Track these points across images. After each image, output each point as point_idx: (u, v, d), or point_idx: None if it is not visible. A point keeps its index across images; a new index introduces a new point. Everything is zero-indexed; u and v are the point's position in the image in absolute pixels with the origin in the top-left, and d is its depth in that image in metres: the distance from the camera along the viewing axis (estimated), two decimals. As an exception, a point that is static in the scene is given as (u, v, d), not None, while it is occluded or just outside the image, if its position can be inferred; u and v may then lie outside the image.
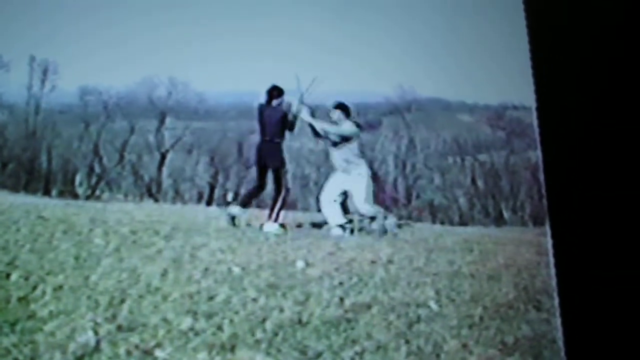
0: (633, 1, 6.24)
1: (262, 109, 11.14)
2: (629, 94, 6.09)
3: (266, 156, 10.98)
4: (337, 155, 11.14)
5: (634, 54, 6.14)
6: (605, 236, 6.03)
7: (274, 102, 11.12)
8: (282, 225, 10.78)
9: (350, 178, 11.03)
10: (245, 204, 10.98)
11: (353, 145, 11.08)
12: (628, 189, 6.04)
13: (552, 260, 6.11)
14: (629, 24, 6.17)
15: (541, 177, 6.23)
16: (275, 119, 11.02)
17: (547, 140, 6.18)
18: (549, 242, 6.12)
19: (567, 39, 6.24)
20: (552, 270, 6.11)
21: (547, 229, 6.14)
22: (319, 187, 11.76)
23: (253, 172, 11.70)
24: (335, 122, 11.04)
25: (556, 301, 6.05)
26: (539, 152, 6.21)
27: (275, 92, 11.22)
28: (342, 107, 11.21)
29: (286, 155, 11.04)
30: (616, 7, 6.20)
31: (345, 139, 11.00)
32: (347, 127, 11.08)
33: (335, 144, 11.06)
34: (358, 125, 11.25)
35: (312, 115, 11.14)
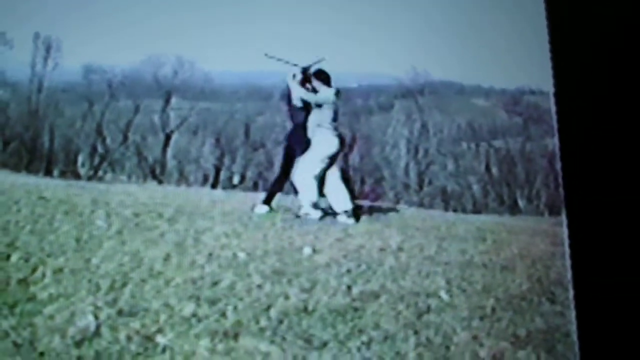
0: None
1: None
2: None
3: (295, 142, 10.82)
4: (311, 120, 10.89)
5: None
6: (622, 228, 5.92)
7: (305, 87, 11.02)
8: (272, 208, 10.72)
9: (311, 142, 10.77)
10: (269, 201, 10.85)
11: (328, 111, 10.80)
12: (648, 178, 5.93)
13: (567, 251, 6.03)
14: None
15: (558, 165, 6.13)
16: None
17: (565, 127, 6.06)
18: (564, 232, 6.04)
19: (587, 22, 6.12)
20: (568, 262, 6.03)
21: (563, 218, 6.06)
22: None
23: (260, 154, 11.59)
24: (315, 90, 10.84)
25: (571, 293, 5.98)
26: (556, 140, 6.11)
27: (306, 77, 11.09)
28: (320, 74, 11.04)
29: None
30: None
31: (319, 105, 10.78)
32: (323, 94, 10.83)
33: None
34: (337, 92, 10.94)
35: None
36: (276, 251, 7.87)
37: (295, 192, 10.81)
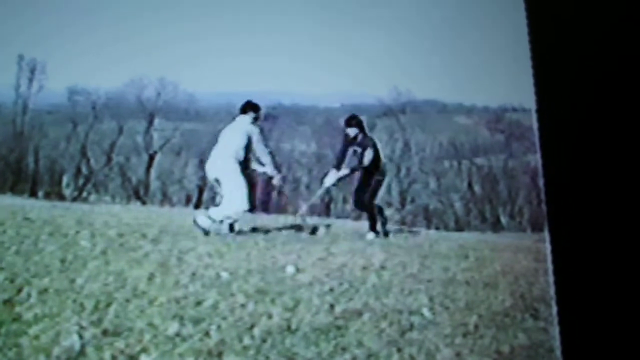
0: (635, 3, 6.14)
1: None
2: (631, 98, 5.99)
3: None
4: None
5: (636, 56, 6.04)
6: (605, 243, 5.93)
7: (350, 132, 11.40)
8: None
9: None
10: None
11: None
12: (630, 195, 5.94)
13: (550, 267, 6.03)
14: (632, 26, 6.08)
15: (540, 181, 6.15)
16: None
17: (547, 144, 6.08)
18: (547, 248, 6.04)
19: (569, 39, 6.15)
20: (551, 278, 6.03)
21: (546, 235, 6.06)
22: (310, 190, 11.65)
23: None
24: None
25: (554, 310, 5.97)
26: (538, 156, 6.13)
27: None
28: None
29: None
30: (619, 9, 6.11)
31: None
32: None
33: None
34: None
35: None
36: (259, 270, 7.86)
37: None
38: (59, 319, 5.87)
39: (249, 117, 10.86)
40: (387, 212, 11.49)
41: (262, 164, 10.88)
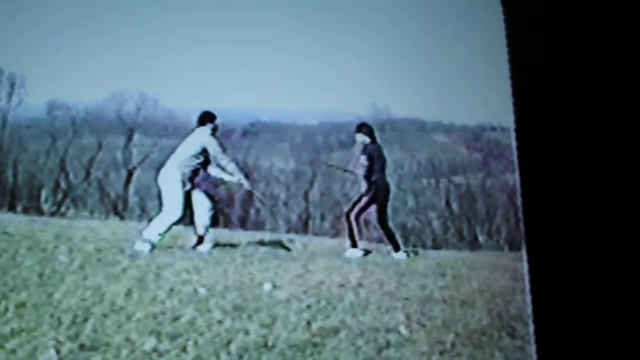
0: (613, 24, 6.21)
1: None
2: (609, 117, 6.05)
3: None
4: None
5: (614, 76, 6.10)
6: (582, 262, 5.98)
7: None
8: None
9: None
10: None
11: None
12: (607, 214, 5.99)
13: (527, 286, 6.08)
14: (610, 47, 6.15)
15: (518, 200, 6.19)
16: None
17: (525, 163, 6.13)
18: (524, 267, 6.09)
19: (548, 59, 6.21)
20: (528, 297, 6.07)
21: (523, 253, 6.10)
22: (288, 207, 11.65)
23: (221, 190, 11.69)
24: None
25: (531, 328, 6.01)
26: (516, 175, 6.17)
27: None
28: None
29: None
30: (597, 29, 6.18)
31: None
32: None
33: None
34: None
35: None
36: (236, 287, 7.87)
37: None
38: (36, 334, 5.90)
39: (207, 128, 10.79)
40: (365, 230, 11.44)
41: (229, 174, 10.84)
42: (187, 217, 10.60)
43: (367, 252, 11.00)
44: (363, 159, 11.13)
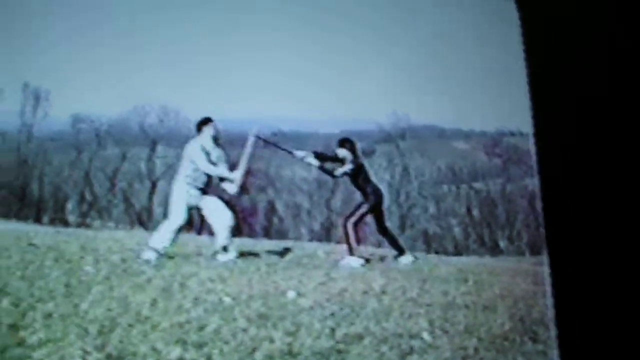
0: (632, 28, 6.21)
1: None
2: (628, 121, 6.05)
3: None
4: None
5: (633, 81, 6.10)
6: (603, 266, 5.97)
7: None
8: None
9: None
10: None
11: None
12: (627, 217, 5.99)
13: (549, 290, 6.06)
14: (629, 51, 6.14)
15: (538, 205, 6.18)
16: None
17: (545, 168, 6.13)
18: (546, 271, 6.07)
19: (565, 65, 6.21)
20: (549, 301, 6.05)
21: (545, 258, 6.09)
22: (311, 216, 11.65)
23: (244, 200, 11.69)
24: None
25: (553, 332, 5.99)
26: (536, 180, 6.17)
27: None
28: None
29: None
30: (615, 33, 6.18)
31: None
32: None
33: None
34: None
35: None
36: (261, 295, 7.87)
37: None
38: (63, 344, 5.89)
39: (203, 134, 10.74)
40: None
41: (222, 179, 10.81)
42: (198, 226, 10.60)
43: (367, 261, 10.96)
44: (346, 166, 11.11)
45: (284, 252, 11.42)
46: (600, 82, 6.14)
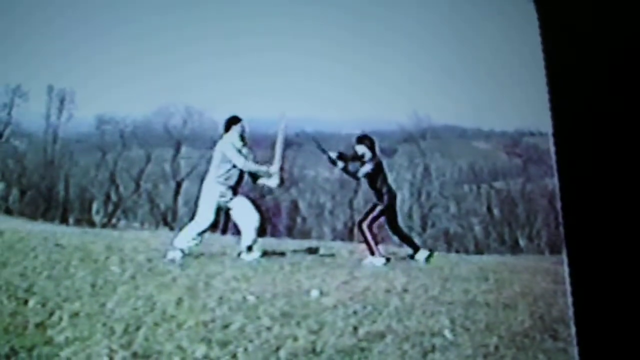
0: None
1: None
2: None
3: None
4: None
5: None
6: (622, 265, 5.99)
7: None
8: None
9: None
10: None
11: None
12: (645, 217, 6.00)
13: (569, 288, 6.07)
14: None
15: (558, 204, 6.20)
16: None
17: (564, 167, 6.15)
18: (565, 270, 6.08)
19: (584, 63, 6.24)
20: (569, 299, 6.07)
21: (564, 257, 6.10)
22: (334, 215, 11.68)
23: (268, 200, 11.72)
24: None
25: (573, 330, 6.00)
26: (555, 180, 6.18)
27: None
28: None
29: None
30: (634, 32, 6.20)
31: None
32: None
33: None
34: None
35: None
36: (284, 294, 7.93)
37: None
38: (90, 342, 5.99)
39: (231, 133, 10.70)
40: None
41: (258, 176, 10.84)
42: (222, 225, 10.60)
43: (388, 260, 10.96)
44: (367, 166, 11.10)
45: (307, 251, 11.42)
46: (619, 82, 6.15)
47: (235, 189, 10.43)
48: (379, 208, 11.05)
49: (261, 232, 10.89)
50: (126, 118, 21.30)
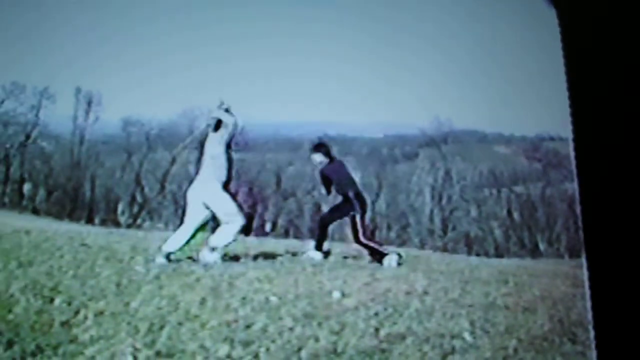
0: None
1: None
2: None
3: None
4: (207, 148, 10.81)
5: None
6: (641, 269, 6.01)
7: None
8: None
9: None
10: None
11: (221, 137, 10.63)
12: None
13: (588, 292, 6.08)
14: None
15: (578, 209, 6.21)
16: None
17: (584, 172, 6.16)
18: (585, 274, 6.09)
19: (605, 68, 6.26)
20: (588, 303, 6.07)
21: (583, 261, 6.12)
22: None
23: (290, 203, 11.80)
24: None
25: (592, 334, 6.01)
26: (575, 184, 6.21)
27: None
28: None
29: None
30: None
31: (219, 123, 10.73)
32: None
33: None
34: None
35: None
36: (307, 295, 7.99)
37: None
38: (114, 341, 6.05)
39: (220, 133, 10.69)
40: (430, 239, 11.47)
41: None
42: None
43: (400, 256, 11.01)
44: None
45: (330, 252, 11.48)
46: None
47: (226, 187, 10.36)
48: (357, 216, 11.06)
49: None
50: (152, 120, 21.51)
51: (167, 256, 10.01)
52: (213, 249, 10.19)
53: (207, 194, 10.39)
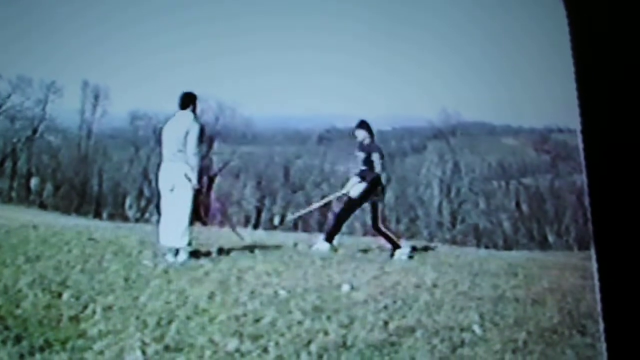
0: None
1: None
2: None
3: None
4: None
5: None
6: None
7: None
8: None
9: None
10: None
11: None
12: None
13: (597, 284, 6.08)
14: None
15: (586, 200, 6.20)
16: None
17: (593, 164, 6.15)
18: (594, 266, 6.08)
19: (613, 60, 6.24)
20: (597, 295, 6.07)
21: (593, 253, 6.11)
22: (364, 211, 11.69)
23: (299, 196, 11.80)
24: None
25: (601, 326, 6.00)
26: (584, 176, 6.19)
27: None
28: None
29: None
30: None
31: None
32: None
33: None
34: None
35: None
36: (316, 289, 7.99)
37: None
38: (123, 335, 6.08)
39: (189, 111, 10.07)
40: (439, 232, 11.46)
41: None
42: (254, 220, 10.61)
43: (414, 248, 11.01)
44: (376, 157, 11.11)
45: (338, 246, 11.45)
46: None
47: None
48: (381, 204, 11.05)
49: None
50: (159, 114, 21.48)
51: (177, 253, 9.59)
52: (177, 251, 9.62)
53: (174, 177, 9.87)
